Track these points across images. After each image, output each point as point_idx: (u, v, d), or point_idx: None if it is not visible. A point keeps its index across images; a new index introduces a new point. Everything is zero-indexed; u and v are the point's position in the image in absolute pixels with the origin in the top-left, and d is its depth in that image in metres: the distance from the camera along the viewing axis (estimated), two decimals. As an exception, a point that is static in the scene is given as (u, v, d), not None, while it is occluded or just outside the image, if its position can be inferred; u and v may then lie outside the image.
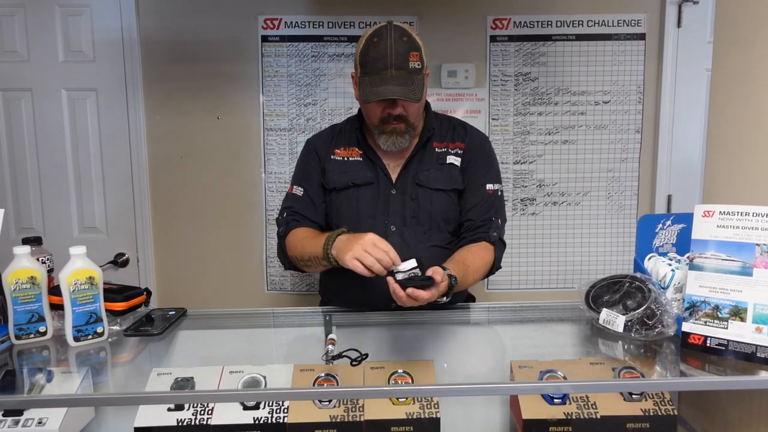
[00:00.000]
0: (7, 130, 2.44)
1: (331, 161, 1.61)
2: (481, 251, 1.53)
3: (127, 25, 2.38)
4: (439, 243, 1.58)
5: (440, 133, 1.63)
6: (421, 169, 1.58)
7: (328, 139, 1.66)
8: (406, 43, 1.44)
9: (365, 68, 1.46)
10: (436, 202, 1.56)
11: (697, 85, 2.43)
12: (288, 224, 1.59)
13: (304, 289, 2.56)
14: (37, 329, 1.24)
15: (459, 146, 1.61)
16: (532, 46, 2.44)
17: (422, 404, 1.11)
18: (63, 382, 1.14)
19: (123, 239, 2.51)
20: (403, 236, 1.55)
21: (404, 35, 1.45)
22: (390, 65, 1.43)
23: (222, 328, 1.51)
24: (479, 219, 1.57)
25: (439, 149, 1.60)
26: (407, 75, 1.44)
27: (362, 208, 1.56)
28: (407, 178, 1.57)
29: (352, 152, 1.61)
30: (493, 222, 1.58)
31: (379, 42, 1.44)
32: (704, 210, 1.14)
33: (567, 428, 1.11)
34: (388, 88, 1.42)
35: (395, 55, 1.43)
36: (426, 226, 1.56)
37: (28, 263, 1.22)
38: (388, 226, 1.56)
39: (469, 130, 1.65)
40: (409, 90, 1.43)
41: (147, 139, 2.46)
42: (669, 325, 1.18)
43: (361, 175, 1.58)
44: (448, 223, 1.59)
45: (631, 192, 2.53)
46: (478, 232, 1.56)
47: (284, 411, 1.11)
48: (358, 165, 1.59)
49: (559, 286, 2.55)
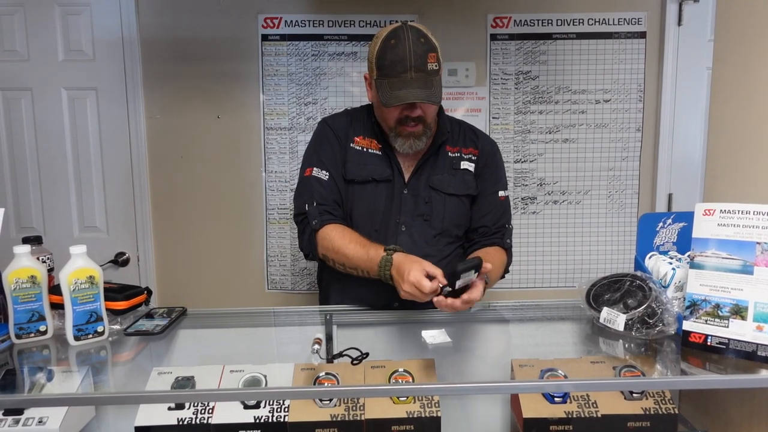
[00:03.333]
0: (7, 129, 2.44)
1: (351, 149, 1.57)
2: (498, 254, 1.55)
3: (127, 24, 2.38)
4: (447, 246, 1.59)
5: (453, 137, 1.62)
6: (435, 172, 1.57)
7: (346, 123, 1.61)
8: (423, 45, 1.43)
9: (383, 71, 1.44)
10: (449, 206, 1.57)
11: (697, 83, 2.42)
12: (321, 216, 1.51)
13: (304, 288, 2.56)
14: (38, 328, 1.24)
15: (472, 152, 1.61)
16: (533, 44, 2.44)
17: (423, 403, 1.11)
18: (63, 381, 1.14)
19: (123, 238, 2.51)
20: (412, 237, 1.55)
21: (421, 36, 1.44)
22: (410, 68, 1.41)
23: (222, 327, 1.51)
24: (493, 226, 1.60)
25: (452, 154, 1.60)
26: (426, 77, 1.42)
27: (377, 205, 1.55)
28: (420, 181, 1.57)
29: (371, 143, 1.58)
30: (507, 229, 1.61)
31: (397, 44, 1.42)
32: (705, 208, 1.14)
33: (568, 427, 1.11)
34: (410, 91, 1.41)
35: (414, 57, 1.41)
36: (437, 230, 1.57)
37: (28, 262, 1.22)
38: (399, 225, 1.55)
39: (480, 136, 1.66)
40: (430, 93, 1.42)
41: (147, 138, 2.46)
42: (670, 323, 1.18)
43: (381, 171, 1.56)
44: (459, 227, 1.60)
45: (632, 191, 2.53)
46: (493, 237, 1.59)
47: (285, 410, 1.10)
48: (378, 159, 1.57)
49: (560, 284, 2.55)
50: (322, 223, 1.51)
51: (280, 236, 2.53)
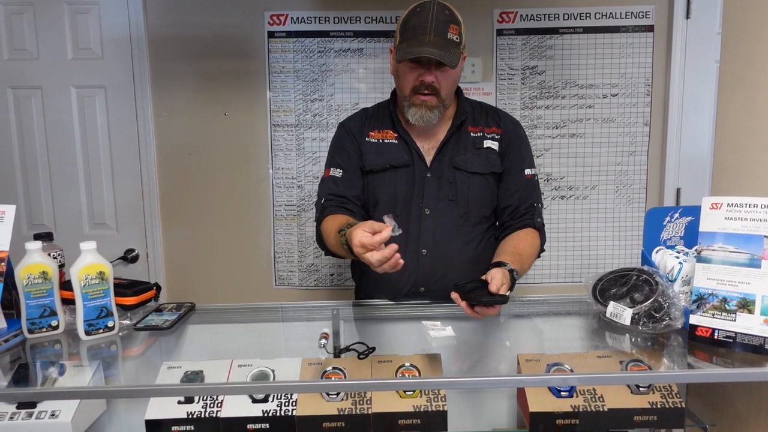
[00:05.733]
0: (18, 127, 2.46)
1: (366, 143, 1.61)
2: (529, 237, 1.55)
3: (135, 23, 2.40)
4: (474, 227, 1.59)
5: (473, 116, 1.63)
6: (458, 152, 1.58)
7: (360, 121, 1.65)
8: (447, 16, 1.46)
9: (404, 35, 1.47)
10: (474, 185, 1.57)
11: (706, 76, 2.40)
12: (324, 210, 1.57)
13: (311, 284, 2.57)
14: (49, 323, 1.26)
15: (495, 131, 1.61)
16: (539, 39, 2.43)
17: (429, 397, 1.12)
18: (75, 375, 1.15)
19: (132, 235, 2.54)
20: (436, 219, 1.56)
21: (446, 9, 1.48)
22: (429, 31, 1.43)
23: (231, 322, 1.52)
24: (522, 206, 1.59)
25: (474, 133, 1.60)
26: (444, 43, 1.44)
27: (398, 191, 1.57)
28: (443, 162, 1.58)
29: (386, 134, 1.61)
30: (535, 208, 1.60)
31: (422, 11, 1.46)
32: (712, 202, 1.14)
33: (574, 421, 1.11)
34: (425, 48, 1.42)
35: (436, 23, 1.43)
36: (464, 209, 1.58)
37: (39, 258, 1.24)
38: (422, 209, 1.56)
39: (502, 115, 1.66)
40: (445, 54, 1.43)
41: (155, 135, 2.48)
42: (676, 317, 1.18)
43: (398, 157, 1.58)
44: (485, 207, 1.60)
45: (640, 185, 2.51)
46: (523, 219, 1.59)
47: (293, 404, 1.11)
48: (394, 147, 1.59)
49: (567, 280, 2.54)
50: (323, 216, 1.55)
51: (287, 232, 2.54)
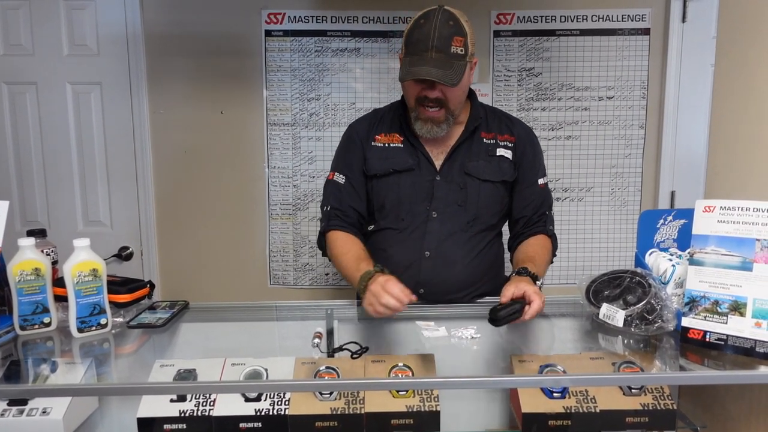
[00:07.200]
0: (12, 123, 2.45)
1: (371, 148, 1.61)
2: (542, 243, 1.58)
3: (131, 19, 2.39)
4: (480, 234, 1.59)
5: (487, 122, 1.62)
6: (470, 159, 1.57)
7: (368, 125, 1.65)
8: (451, 28, 1.44)
9: (408, 48, 1.46)
10: (484, 192, 1.57)
11: (701, 80, 2.41)
12: (330, 221, 1.59)
13: (306, 283, 2.57)
14: (42, 320, 1.25)
15: (508, 139, 1.61)
16: (536, 41, 2.43)
17: (422, 397, 1.12)
18: (67, 373, 1.15)
19: (127, 233, 2.53)
20: (443, 223, 1.56)
21: (451, 19, 1.45)
22: (431, 47, 1.42)
23: (224, 321, 1.52)
24: (535, 215, 1.61)
25: (487, 140, 1.60)
26: (446, 59, 1.42)
27: (403, 195, 1.57)
28: (454, 167, 1.57)
29: (392, 138, 1.60)
30: (547, 216, 1.62)
31: (425, 24, 1.44)
32: (705, 205, 1.14)
33: (566, 422, 1.11)
34: (424, 68, 1.41)
35: (438, 37, 1.42)
36: (472, 215, 1.57)
37: (32, 255, 1.23)
38: (429, 212, 1.56)
39: (515, 122, 1.66)
40: (446, 74, 1.42)
41: (151, 133, 2.47)
42: (669, 320, 1.18)
43: (402, 162, 1.57)
44: (493, 215, 1.61)
45: (635, 188, 2.52)
46: (535, 226, 1.60)
47: (285, 403, 1.11)
48: (399, 151, 1.59)
49: (561, 281, 2.55)
50: (329, 227, 1.59)
51: (282, 232, 2.54)
